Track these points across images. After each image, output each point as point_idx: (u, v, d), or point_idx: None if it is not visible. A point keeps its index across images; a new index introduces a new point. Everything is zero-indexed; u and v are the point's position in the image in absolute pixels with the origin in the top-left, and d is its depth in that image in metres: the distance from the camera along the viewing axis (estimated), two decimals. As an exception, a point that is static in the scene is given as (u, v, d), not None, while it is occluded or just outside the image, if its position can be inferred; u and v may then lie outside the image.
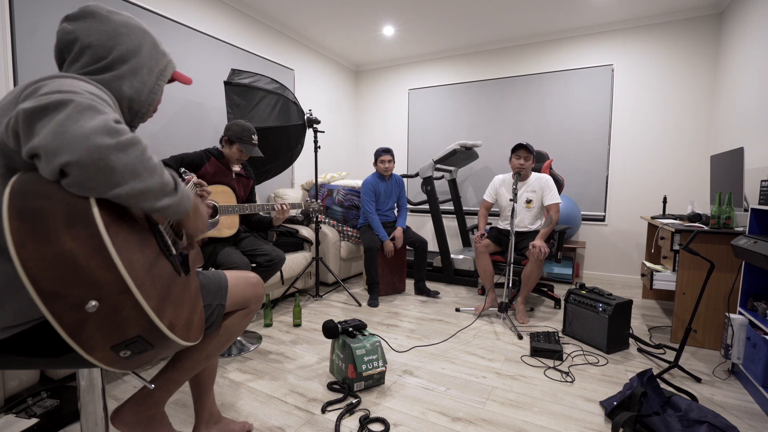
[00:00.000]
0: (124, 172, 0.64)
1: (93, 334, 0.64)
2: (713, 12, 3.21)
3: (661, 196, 3.50)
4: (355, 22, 3.59)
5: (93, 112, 0.64)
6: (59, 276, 0.60)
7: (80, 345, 0.63)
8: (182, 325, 0.77)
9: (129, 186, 0.65)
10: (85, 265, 0.62)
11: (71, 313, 0.62)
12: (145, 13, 2.52)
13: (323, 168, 4.42)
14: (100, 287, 0.63)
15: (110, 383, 1.69)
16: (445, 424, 1.44)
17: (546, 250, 2.36)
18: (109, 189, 0.64)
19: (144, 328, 0.67)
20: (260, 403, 1.57)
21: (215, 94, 3.05)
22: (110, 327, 0.65)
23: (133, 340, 0.67)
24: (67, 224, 0.62)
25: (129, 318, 0.65)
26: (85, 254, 0.62)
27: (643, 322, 2.56)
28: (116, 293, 0.64)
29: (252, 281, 1.17)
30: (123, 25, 0.84)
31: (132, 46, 0.84)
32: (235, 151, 2.02)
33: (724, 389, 1.69)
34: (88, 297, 0.62)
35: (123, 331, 0.66)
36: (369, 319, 2.57)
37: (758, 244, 1.56)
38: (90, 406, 0.93)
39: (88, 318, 0.63)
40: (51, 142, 0.60)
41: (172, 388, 1.07)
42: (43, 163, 0.61)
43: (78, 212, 0.63)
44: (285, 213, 2.00)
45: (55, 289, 0.60)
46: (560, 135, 3.85)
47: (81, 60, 0.80)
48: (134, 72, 0.84)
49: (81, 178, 0.62)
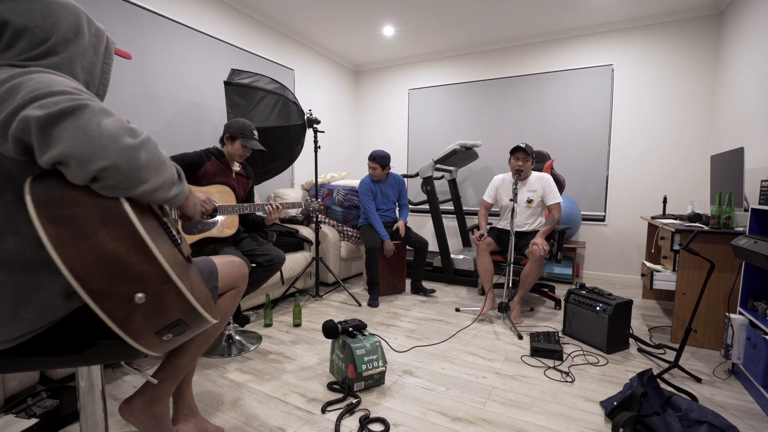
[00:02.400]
0: (148, 169, 0.67)
1: (140, 323, 0.69)
2: (713, 12, 3.21)
3: (661, 196, 3.50)
4: (355, 22, 3.59)
5: (107, 113, 0.65)
6: (106, 275, 0.64)
7: (128, 334, 0.68)
8: (207, 304, 0.83)
9: (153, 181, 0.69)
10: (128, 262, 0.66)
11: (121, 307, 0.66)
12: (145, 13, 2.52)
13: (323, 168, 4.42)
14: (144, 280, 0.67)
15: (110, 383, 1.69)
16: (445, 424, 1.44)
17: (546, 247, 2.36)
18: (138, 187, 0.67)
19: (184, 311, 0.73)
20: (260, 403, 1.57)
21: (215, 94, 3.05)
22: (155, 314, 0.70)
23: (174, 324, 0.73)
24: (104, 226, 0.65)
25: (171, 304, 0.71)
26: (126, 252, 0.66)
27: (643, 322, 2.56)
28: (159, 284, 0.69)
29: (236, 263, 1.22)
30: (53, 1, 0.75)
31: (71, 24, 0.76)
32: (238, 147, 2.02)
33: (724, 389, 1.69)
34: (135, 290, 0.67)
35: (166, 317, 0.72)
36: (369, 319, 2.57)
37: (758, 244, 1.56)
38: (90, 407, 0.93)
39: (137, 309, 0.68)
40: (84, 149, 0.60)
41: (178, 375, 1.10)
42: (74, 170, 0.61)
43: (112, 213, 0.66)
44: (277, 212, 2.00)
45: (103, 288, 0.64)
46: (560, 135, 3.85)
47: (17, 45, 0.71)
48: (82, 53, 0.78)
49: (115, 180, 0.64)
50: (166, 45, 2.66)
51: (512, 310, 2.51)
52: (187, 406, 1.26)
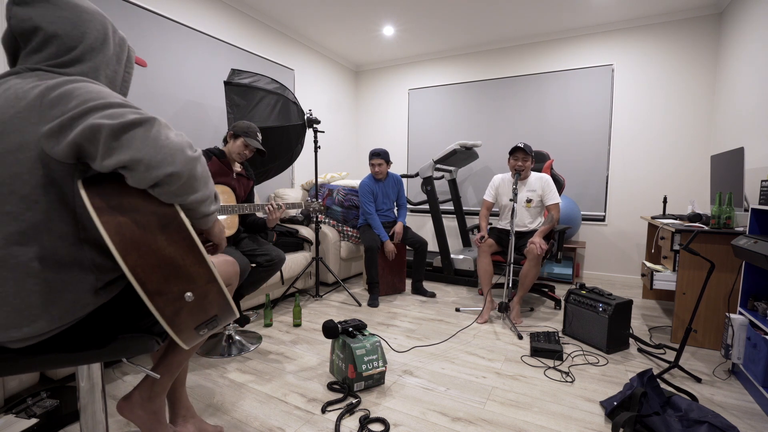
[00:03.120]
0: (200, 180, 0.75)
1: (185, 319, 0.75)
2: (713, 12, 3.21)
3: (661, 196, 3.50)
4: (355, 22, 3.59)
5: (169, 128, 0.73)
6: (163, 276, 0.71)
7: (174, 329, 0.74)
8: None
9: (201, 192, 0.76)
10: (182, 264, 0.73)
11: (172, 304, 0.72)
12: (145, 13, 2.52)
13: (323, 168, 4.42)
14: (194, 280, 0.74)
15: (110, 383, 1.69)
16: (445, 424, 1.44)
17: (544, 246, 2.36)
18: (190, 195, 0.74)
19: (221, 307, 0.80)
20: (260, 403, 1.57)
21: (215, 94, 3.05)
22: (199, 311, 0.77)
23: (212, 319, 0.80)
24: (163, 231, 0.72)
25: (213, 301, 0.78)
26: (181, 254, 0.73)
27: (643, 322, 2.56)
28: (205, 283, 0.76)
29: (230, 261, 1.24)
30: (83, 10, 0.78)
31: (99, 34, 0.79)
32: (240, 144, 2.02)
33: (724, 389, 1.69)
34: (185, 290, 0.73)
35: (206, 313, 0.78)
36: (369, 319, 2.57)
37: (758, 244, 1.56)
38: (90, 407, 0.93)
39: (184, 306, 0.74)
40: (154, 155, 0.67)
41: (174, 371, 1.11)
42: (139, 174, 0.68)
43: (169, 219, 0.73)
44: (278, 213, 2.00)
45: (159, 287, 0.70)
46: (560, 135, 3.85)
47: (45, 50, 0.74)
48: (107, 62, 0.81)
49: (176, 186, 0.71)
50: (166, 45, 2.66)
51: (512, 310, 2.51)
52: (183, 407, 1.26)
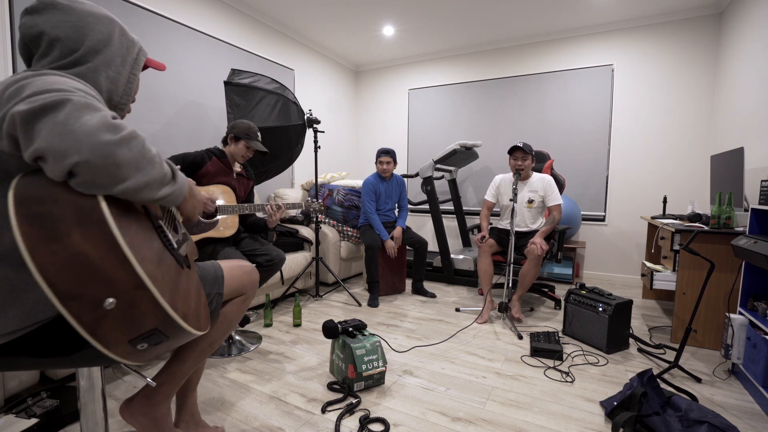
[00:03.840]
0: (129, 166, 0.65)
1: (111, 330, 0.65)
2: (713, 12, 3.21)
3: (661, 196, 3.50)
4: (355, 22, 3.59)
5: (90, 109, 0.64)
6: (75, 277, 0.62)
7: (99, 341, 0.65)
8: (192, 315, 0.79)
9: (134, 180, 0.66)
10: (99, 264, 0.63)
11: (89, 311, 0.63)
12: (145, 13, 2.52)
13: (323, 168, 4.42)
14: (115, 285, 0.64)
15: (110, 383, 1.69)
16: (445, 424, 1.44)
17: (545, 247, 2.36)
18: (117, 184, 0.65)
19: (160, 320, 0.69)
20: (260, 403, 1.57)
21: (215, 94, 3.05)
22: (128, 322, 0.66)
23: (150, 333, 0.69)
24: (79, 226, 0.62)
25: (145, 312, 0.67)
26: (99, 254, 0.63)
27: (643, 322, 2.56)
28: (132, 289, 0.65)
29: (246, 269, 1.20)
30: (89, 14, 0.81)
31: (102, 36, 0.81)
32: (242, 147, 2.03)
33: (724, 389, 1.69)
34: (105, 295, 0.64)
35: (140, 325, 0.68)
36: (369, 319, 2.57)
37: (758, 244, 1.56)
38: (90, 407, 0.93)
39: (107, 315, 0.64)
40: (58, 144, 0.60)
41: (178, 380, 1.09)
42: (50, 165, 0.61)
43: (88, 213, 0.64)
44: (278, 213, 2.00)
45: (72, 290, 0.62)
46: (560, 135, 3.85)
47: (51, 54, 0.77)
48: (108, 63, 0.82)
49: (90, 176, 0.62)
50: (166, 45, 2.66)
51: (512, 307, 2.51)
52: (189, 413, 1.25)
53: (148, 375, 1.77)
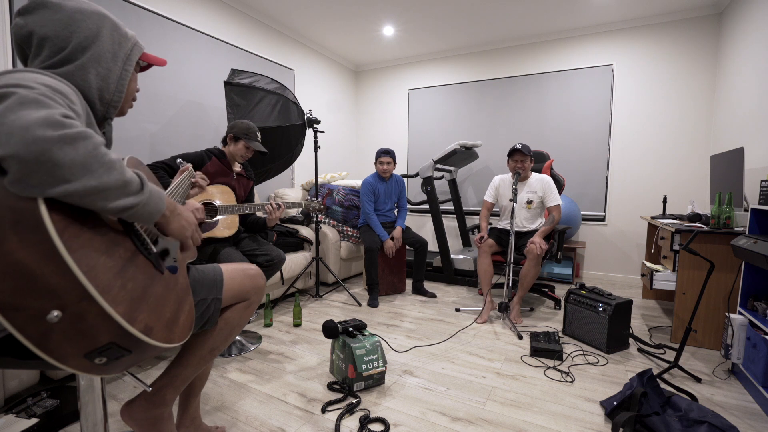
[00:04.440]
0: (72, 168, 0.59)
1: (61, 344, 0.60)
2: (713, 12, 3.21)
3: (661, 196, 3.50)
4: (355, 22, 3.59)
5: (37, 105, 0.60)
6: (14, 287, 0.56)
7: (50, 355, 0.60)
8: (162, 326, 0.73)
9: (79, 183, 0.60)
10: (39, 274, 0.57)
11: (33, 324, 0.58)
12: (145, 13, 2.52)
13: (323, 168, 4.42)
14: (58, 296, 0.58)
15: (110, 383, 1.69)
16: (445, 424, 1.44)
17: (544, 246, 2.37)
18: (55, 186, 0.59)
19: (115, 334, 0.64)
20: (260, 403, 1.57)
21: (215, 94, 3.05)
22: (77, 336, 0.61)
23: (106, 347, 0.64)
24: (15, 231, 0.57)
25: (96, 325, 0.62)
26: (37, 261, 0.57)
27: (643, 322, 2.56)
28: (77, 301, 0.59)
29: (250, 273, 1.16)
30: (77, 11, 0.79)
31: (89, 32, 0.80)
32: (241, 147, 2.03)
33: (724, 389, 1.69)
34: (48, 307, 0.58)
35: (92, 339, 0.62)
36: (369, 319, 2.57)
37: (758, 244, 1.56)
38: (90, 406, 0.93)
39: (53, 328, 0.59)
40: None
41: (178, 386, 1.07)
42: None
43: (25, 217, 0.58)
44: (278, 212, 1.99)
45: (11, 300, 0.56)
46: (560, 135, 3.85)
47: (42, 54, 0.76)
48: (97, 59, 0.80)
49: (21, 173, 0.56)
50: (166, 45, 2.66)
51: (512, 309, 2.51)
52: (189, 417, 1.23)
53: (152, 376, 1.77)
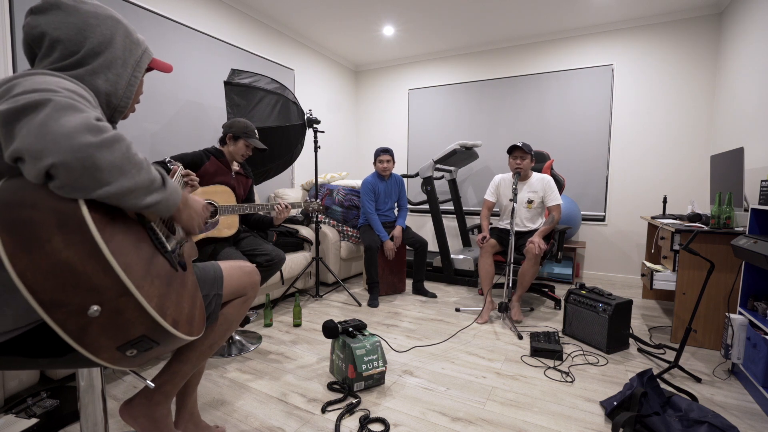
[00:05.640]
0: (111, 170, 0.63)
1: (98, 338, 0.64)
2: (713, 12, 3.21)
3: (661, 196, 3.50)
4: (355, 22, 3.59)
5: (73, 110, 0.62)
6: (58, 284, 0.60)
7: (86, 348, 0.64)
8: (184, 320, 0.78)
9: (117, 184, 0.64)
10: (82, 271, 0.61)
11: (74, 319, 0.62)
12: (145, 13, 2.52)
13: (323, 168, 4.42)
14: (99, 292, 0.62)
15: (110, 383, 1.69)
16: (445, 424, 1.44)
17: (543, 246, 2.37)
18: (97, 188, 0.62)
19: (148, 327, 0.68)
20: (260, 403, 1.57)
21: (215, 94, 3.05)
22: (114, 329, 0.65)
23: (138, 340, 0.68)
24: (60, 232, 0.60)
25: (132, 319, 0.66)
26: (81, 260, 0.61)
27: (643, 322, 2.56)
28: (116, 296, 0.64)
29: (246, 269, 1.19)
30: (92, 15, 0.80)
31: (103, 38, 0.80)
32: (241, 146, 2.03)
33: (724, 389, 1.69)
34: (89, 302, 0.62)
35: (127, 332, 0.66)
36: (369, 319, 2.57)
37: (758, 244, 1.56)
38: (90, 407, 0.93)
39: (92, 322, 0.63)
40: (34, 144, 0.58)
41: (178, 382, 1.09)
42: (28, 167, 0.59)
43: (69, 218, 0.61)
44: (286, 212, 2.00)
45: (55, 297, 0.60)
46: (560, 135, 3.85)
47: (52, 55, 0.77)
48: (108, 65, 0.81)
49: (68, 179, 0.60)
50: (166, 45, 2.66)
51: (512, 308, 2.51)
52: (188, 413, 1.24)
53: (149, 375, 1.77)
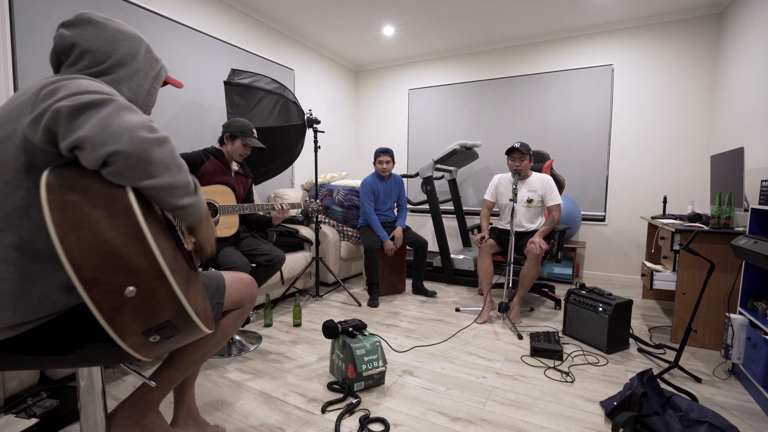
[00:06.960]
0: (159, 165, 0.71)
1: (128, 319, 0.68)
2: (713, 12, 3.21)
3: (661, 196, 3.50)
4: (355, 22, 3.59)
5: (131, 111, 0.72)
6: (101, 263, 0.65)
7: (114, 329, 0.67)
8: (202, 312, 0.81)
9: (161, 178, 0.72)
10: (124, 253, 0.66)
11: (110, 298, 0.66)
12: (145, 13, 2.52)
13: (323, 168, 4.42)
14: (137, 273, 0.67)
15: (110, 383, 1.69)
16: (445, 424, 1.44)
17: (544, 246, 2.36)
18: (145, 179, 0.70)
19: (175, 312, 0.72)
20: (260, 403, 1.57)
21: (215, 94, 3.05)
22: (145, 311, 0.69)
23: (163, 325, 0.72)
24: (107, 214, 0.66)
25: (162, 303, 0.70)
26: (124, 242, 0.66)
27: (643, 322, 2.56)
28: (152, 279, 0.68)
29: (246, 282, 1.20)
30: (119, 31, 0.88)
31: (129, 51, 0.89)
32: (239, 145, 2.03)
33: (724, 389, 1.69)
34: (126, 283, 0.66)
35: (156, 316, 0.70)
36: (369, 319, 2.57)
37: (758, 244, 1.56)
38: (90, 407, 0.93)
39: (126, 303, 0.67)
40: (99, 134, 0.66)
41: (166, 388, 1.08)
42: (87, 153, 0.66)
43: (116, 202, 0.68)
44: (285, 213, 2.01)
45: (96, 276, 0.64)
46: (560, 135, 3.85)
47: (79, 63, 0.83)
48: (131, 76, 0.89)
49: (123, 167, 0.67)
50: (166, 45, 2.66)
51: (512, 309, 2.51)
52: (186, 408, 1.25)
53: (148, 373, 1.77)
